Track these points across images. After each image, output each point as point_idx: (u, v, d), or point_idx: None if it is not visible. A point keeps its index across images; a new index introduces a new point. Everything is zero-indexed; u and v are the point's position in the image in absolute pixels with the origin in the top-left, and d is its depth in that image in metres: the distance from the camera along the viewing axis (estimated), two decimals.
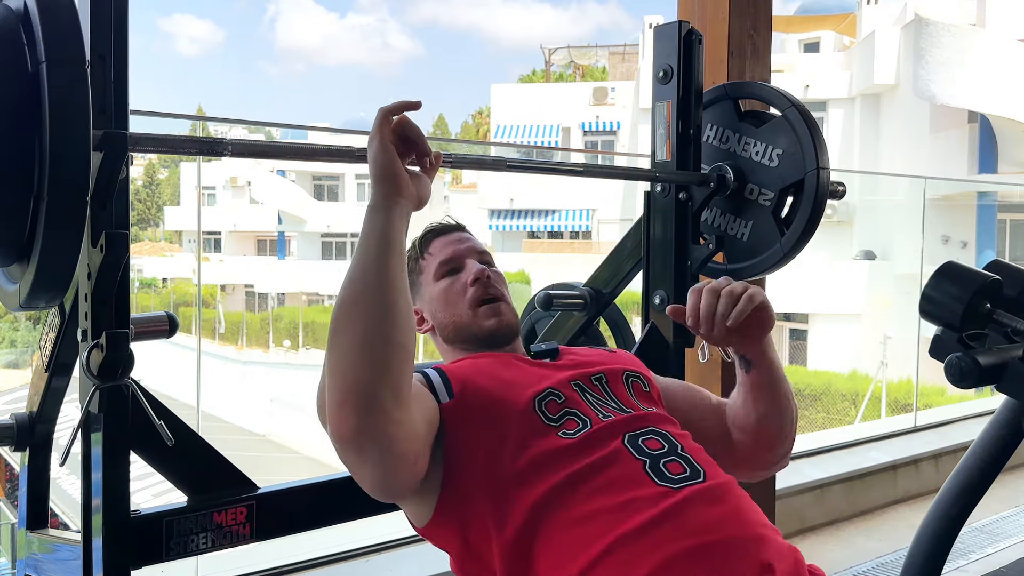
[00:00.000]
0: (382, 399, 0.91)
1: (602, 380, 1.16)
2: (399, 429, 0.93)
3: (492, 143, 23.05)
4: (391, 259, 0.96)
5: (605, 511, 0.97)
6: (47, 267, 0.90)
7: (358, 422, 0.91)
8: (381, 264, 0.95)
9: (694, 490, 1.00)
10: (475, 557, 1.03)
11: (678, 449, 1.06)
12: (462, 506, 1.03)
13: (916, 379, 4.91)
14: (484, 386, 1.09)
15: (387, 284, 0.94)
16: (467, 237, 1.33)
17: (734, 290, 1.12)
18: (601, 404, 1.12)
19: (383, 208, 0.99)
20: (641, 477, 1.00)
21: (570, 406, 1.09)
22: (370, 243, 0.97)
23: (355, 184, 27.75)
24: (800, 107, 1.63)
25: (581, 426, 1.07)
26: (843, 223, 15.80)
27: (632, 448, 1.04)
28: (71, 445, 1.07)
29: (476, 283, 1.24)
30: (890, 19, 18.07)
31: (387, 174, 1.00)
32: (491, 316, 1.23)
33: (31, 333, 19.90)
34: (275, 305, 23.66)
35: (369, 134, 1.02)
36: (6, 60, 0.89)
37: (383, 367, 0.92)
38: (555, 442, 1.04)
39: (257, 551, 2.17)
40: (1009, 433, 1.40)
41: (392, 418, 0.92)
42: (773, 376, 1.21)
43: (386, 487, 0.96)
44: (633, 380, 1.20)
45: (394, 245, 0.97)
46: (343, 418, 0.91)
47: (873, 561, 2.80)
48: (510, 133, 22.06)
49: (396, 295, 0.94)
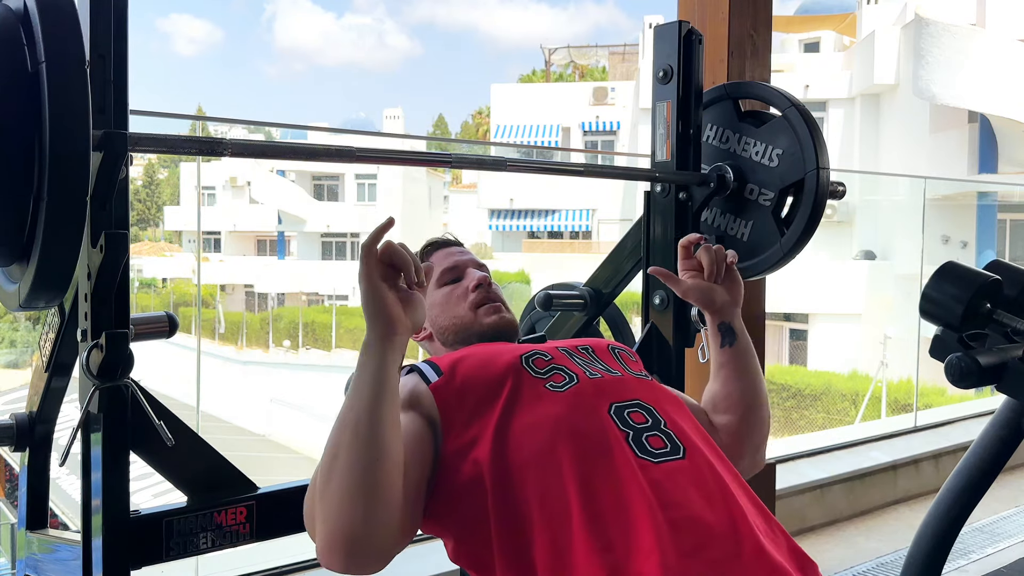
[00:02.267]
0: (372, 540, 0.94)
1: (588, 349, 1.21)
2: (394, 547, 0.97)
3: (492, 143, 23.05)
4: (384, 403, 0.96)
5: (590, 477, 0.99)
6: (47, 267, 0.90)
7: (348, 563, 0.94)
8: (374, 410, 0.95)
9: (672, 466, 1.02)
10: (471, 531, 1.03)
11: (661, 424, 1.08)
12: (457, 470, 1.04)
13: (916, 379, 4.91)
14: (472, 360, 1.13)
15: (379, 431, 0.95)
16: (467, 251, 1.40)
17: (710, 246, 1.29)
18: (588, 365, 1.16)
19: (377, 351, 0.97)
20: (623, 448, 1.02)
21: (557, 363, 1.13)
22: (363, 385, 0.96)
23: (355, 184, 27.74)
24: (800, 107, 1.63)
25: (568, 380, 1.10)
26: (843, 223, 15.81)
27: (618, 419, 1.06)
28: (71, 445, 1.07)
29: (478, 288, 1.30)
30: (890, 19, 18.06)
31: (379, 314, 0.97)
32: (492, 314, 1.28)
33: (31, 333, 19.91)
34: (275, 305, 23.66)
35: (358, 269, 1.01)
36: (6, 60, 0.89)
37: (372, 514, 0.93)
38: (543, 392, 1.08)
39: (257, 551, 2.17)
40: (1009, 433, 1.40)
41: (384, 551, 0.96)
42: (747, 345, 1.31)
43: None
44: (620, 352, 1.24)
45: (387, 386, 0.97)
46: (333, 560, 0.94)
47: (873, 561, 2.80)
48: (510, 133, 22.07)
49: (387, 440, 0.95)
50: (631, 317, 1.93)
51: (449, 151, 1.10)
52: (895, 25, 17.62)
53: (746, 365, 1.30)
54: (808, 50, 21.55)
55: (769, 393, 1.35)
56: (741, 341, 1.30)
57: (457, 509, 1.05)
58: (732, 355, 1.30)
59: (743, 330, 1.31)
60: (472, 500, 1.03)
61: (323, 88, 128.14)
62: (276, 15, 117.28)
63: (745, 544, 0.96)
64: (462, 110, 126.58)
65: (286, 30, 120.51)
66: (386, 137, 13.52)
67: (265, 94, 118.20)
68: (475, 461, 1.03)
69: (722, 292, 1.30)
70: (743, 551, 0.96)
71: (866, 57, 17.75)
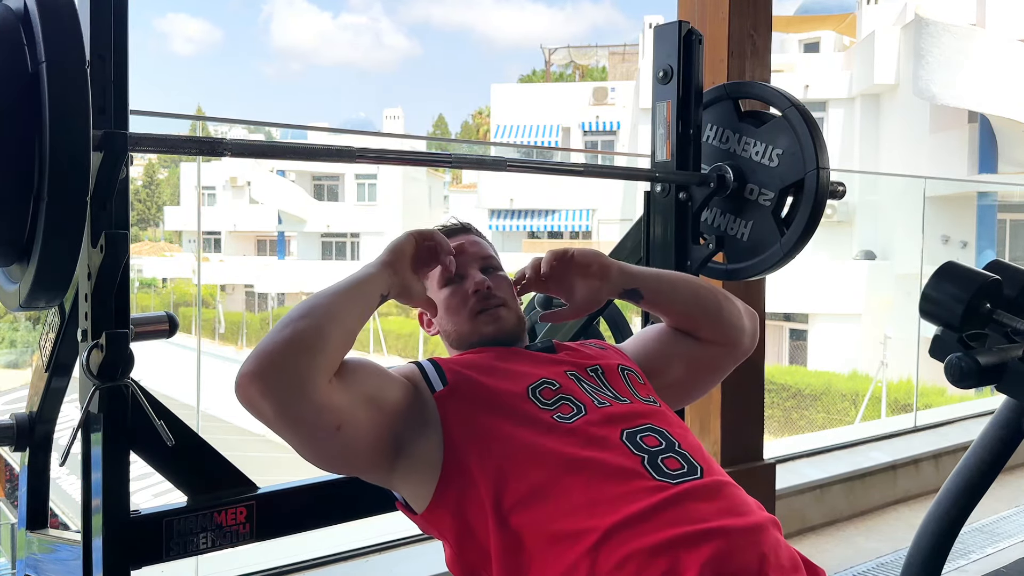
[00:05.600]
0: (289, 370, 0.98)
1: (598, 371, 1.20)
2: (303, 395, 0.99)
3: (492, 143, 23.04)
4: (352, 293, 1.08)
5: (604, 500, 0.99)
6: (47, 267, 0.90)
7: (255, 376, 0.98)
8: (338, 296, 1.06)
9: (691, 485, 1.01)
10: (472, 541, 1.04)
11: (676, 446, 1.08)
12: (460, 487, 1.05)
13: (916, 379, 4.91)
14: (479, 375, 1.13)
15: (338, 306, 1.05)
16: (474, 240, 1.33)
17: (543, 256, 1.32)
18: (597, 392, 1.15)
19: (373, 266, 1.13)
20: (640, 471, 1.02)
21: (564, 392, 1.12)
22: (344, 280, 1.09)
23: (355, 184, 27.73)
24: (800, 107, 1.63)
25: (576, 411, 1.09)
26: (843, 223, 15.80)
27: (631, 444, 1.06)
28: (71, 445, 1.07)
29: (476, 294, 1.26)
30: (890, 19, 18.04)
31: (395, 249, 1.14)
32: (490, 323, 1.25)
33: (31, 333, 19.90)
34: (275, 305, 23.65)
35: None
36: (6, 60, 0.89)
37: (301, 351, 0.99)
38: (550, 425, 1.07)
39: (257, 551, 2.17)
40: (1009, 433, 1.40)
41: (295, 389, 0.98)
42: (654, 282, 1.31)
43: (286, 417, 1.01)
44: (628, 373, 1.23)
45: (361, 287, 1.09)
46: (246, 369, 0.99)
47: (873, 561, 2.80)
48: (510, 133, 22.06)
49: (343, 316, 1.05)
50: (631, 317, 1.93)
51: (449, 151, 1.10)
52: (895, 25, 17.61)
53: (666, 298, 1.31)
54: (808, 50, 21.54)
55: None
56: (644, 288, 1.30)
57: (459, 522, 1.06)
58: (650, 304, 1.31)
59: (638, 275, 1.31)
60: (474, 519, 1.04)
61: (322, 88, 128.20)
62: (273, 15, 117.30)
63: (769, 557, 0.96)
64: (462, 110, 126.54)
65: (283, 29, 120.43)
66: (386, 137, 13.52)
67: (263, 94, 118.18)
68: (477, 488, 1.03)
69: (585, 284, 1.28)
70: (767, 563, 0.96)
71: (866, 57, 17.73)
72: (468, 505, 1.04)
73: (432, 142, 42.30)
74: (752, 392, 2.63)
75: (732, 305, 1.34)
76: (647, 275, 1.32)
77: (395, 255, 1.13)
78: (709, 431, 2.58)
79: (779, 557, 0.97)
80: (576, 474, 1.01)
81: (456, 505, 1.05)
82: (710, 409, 2.58)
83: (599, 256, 1.29)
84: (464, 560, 1.07)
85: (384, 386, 1.09)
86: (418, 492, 1.10)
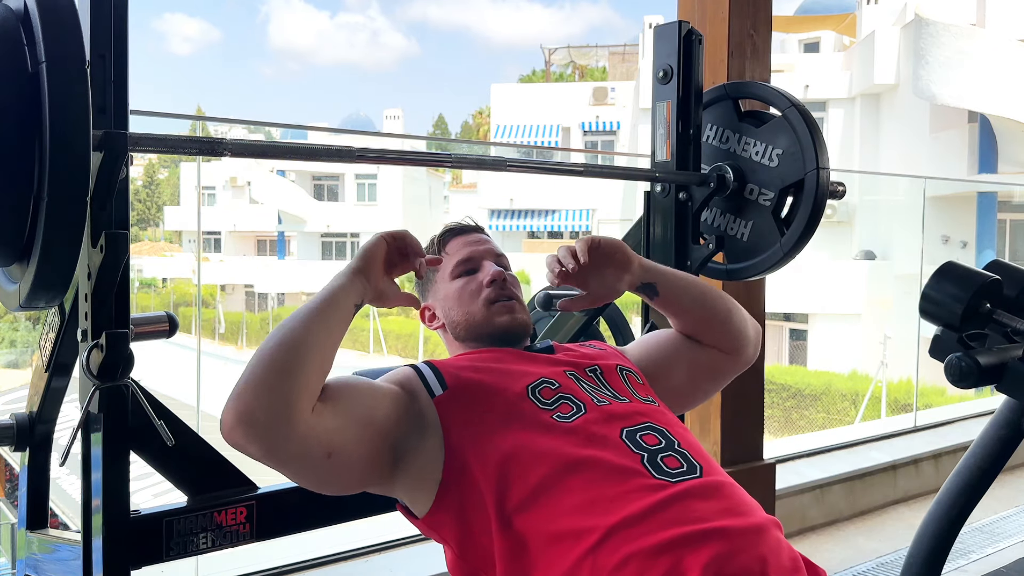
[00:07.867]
0: (269, 413, 0.96)
1: (596, 371, 1.20)
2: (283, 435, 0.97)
3: (492, 143, 23.04)
4: (323, 312, 1.04)
5: (605, 499, 0.99)
6: (47, 267, 0.90)
7: (237, 423, 0.96)
8: (310, 318, 1.03)
9: (691, 484, 1.01)
10: (474, 543, 1.04)
11: (675, 445, 1.08)
12: (462, 491, 1.05)
13: (916, 379, 4.91)
14: (477, 376, 1.12)
15: (305, 341, 1.01)
16: (485, 239, 1.35)
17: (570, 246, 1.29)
18: (596, 391, 1.15)
19: (344, 275, 1.09)
20: (640, 469, 1.02)
21: (564, 392, 1.12)
22: (316, 297, 1.06)
23: (355, 184, 27.73)
24: (800, 107, 1.63)
25: (576, 410, 1.09)
26: (843, 223, 15.80)
27: (630, 443, 1.06)
28: (71, 445, 1.07)
29: (492, 284, 1.26)
30: (890, 19, 18.05)
31: (365, 255, 1.11)
32: (504, 313, 1.25)
33: (31, 333, 19.89)
34: (275, 305, 23.65)
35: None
36: (6, 60, 0.89)
37: (280, 400, 0.96)
38: (550, 425, 1.06)
39: (258, 551, 2.17)
40: (1009, 433, 1.39)
41: (274, 431, 0.96)
42: (672, 280, 1.31)
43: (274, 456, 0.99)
44: (627, 373, 1.23)
45: (332, 301, 1.05)
46: (228, 416, 0.96)
47: (873, 561, 2.80)
48: (510, 133, 22.05)
49: (308, 355, 1.00)
50: (631, 317, 1.93)
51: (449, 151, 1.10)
52: (895, 25, 17.61)
53: (680, 297, 1.31)
54: (808, 50, 21.54)
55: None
56: (661, 285, 1.30)
57: (461, 525, 1.05)
58: (663, 302, 1.31)
59: (656, 271, 1.31)
60: (476, 522, 1.03)
61: (320, 88, 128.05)
62: (271, 14, 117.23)
63: (770, 559, 0.96)
64: (462, 110, 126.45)
65: (280, 29, 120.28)
66: (386, 137, 13.52)
67: (262, 94, 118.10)
68: (479, 491, 1.03)
69: (607, 274, 1.28)
70: (768, 564, 0.96)
71: (866, 57, 17.73)
72: (470, 508, 1.04)
73: (432, 142, 42.29)
74: (752, 392, 2.63)
75: (741, 313, 1.35)
76: (665, 272, 1.33)
77: (366, 261, 1.10)
78: (709, 431, 2.58)
79: (780, 558, 0.97)
80: (576, 473, 1.01)
81: (458, 508, 1.05)
82: (710, 409, 2.58)
83: (623, 245, 1.29)
84: (466, 563, 1.06)
85: (373, 403, 1.08)
86: (419, 497, 1.09)
